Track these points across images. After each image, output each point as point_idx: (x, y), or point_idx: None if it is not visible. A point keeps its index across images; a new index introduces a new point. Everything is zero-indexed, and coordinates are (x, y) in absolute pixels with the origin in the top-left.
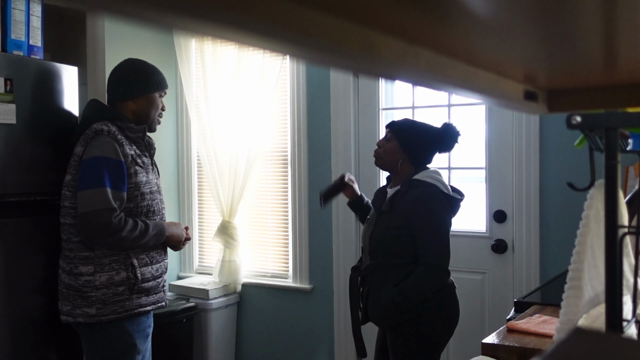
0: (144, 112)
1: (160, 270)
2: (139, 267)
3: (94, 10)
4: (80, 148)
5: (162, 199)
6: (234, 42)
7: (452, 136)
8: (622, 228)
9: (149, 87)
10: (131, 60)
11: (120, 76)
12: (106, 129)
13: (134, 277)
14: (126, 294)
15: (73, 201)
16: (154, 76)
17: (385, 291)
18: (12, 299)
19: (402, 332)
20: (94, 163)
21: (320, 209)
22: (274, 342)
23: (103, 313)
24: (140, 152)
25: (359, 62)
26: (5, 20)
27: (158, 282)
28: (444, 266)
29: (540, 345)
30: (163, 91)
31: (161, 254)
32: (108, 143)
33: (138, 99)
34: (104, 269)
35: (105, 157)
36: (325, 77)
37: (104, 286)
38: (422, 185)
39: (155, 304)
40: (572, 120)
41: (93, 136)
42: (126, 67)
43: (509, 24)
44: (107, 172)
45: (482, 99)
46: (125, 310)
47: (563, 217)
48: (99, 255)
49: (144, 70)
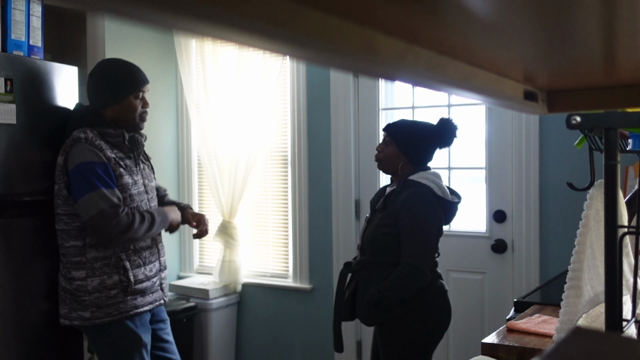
0: (122, 117)
1: (155, 269)
2: (131, 269)
3: (94, 10)
4: (60, 157)
5: (151, 197)
6: (234, 42)
7: (450, 130)
8: (622, 228)
9: (120, 92)
10: (103, 64)
11: (92, 84)
12: (83, 137)
13: (127, 279)
14: (120, 297)
15: (65, 208)
16: (124, 81)
17: (370, 289)
18: (12, 299)
19: (390, 332)
20: (79, 170)
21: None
22: (274, 342)
23: (97, 316)
24: (123, 154)
25: (359, 62)
26: (6, 20)
27: (154, 282)
28: (422, 267)
29: (540, 345)
30: (139, 91)
31: (154, 252)
32: (87, 149)
33: (112, 107)
34: (95, 274)
35: (88, 162)
36: (325, 77)
37: (96, 290)
38: (415, 186)
39: (152, 304)
40: (572, 120)
41: (71, 144)
42: (96, 74)
43: (509, 24)
44: (95, 175)
45: (482, 99)
46: (120, 313)
47: (563, 217)
48: (91, 260)
49: (113, 75)
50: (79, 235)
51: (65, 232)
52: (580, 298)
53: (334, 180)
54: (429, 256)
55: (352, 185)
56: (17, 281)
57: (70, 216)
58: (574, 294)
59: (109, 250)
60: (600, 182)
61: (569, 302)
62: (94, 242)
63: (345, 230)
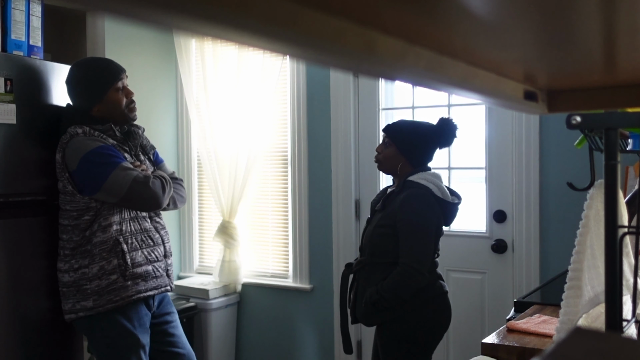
0: (109, 113)
1: (158, 254)
2: (128, 252)
3: (94, 10)
4: (58, 154)
5: None
6: (234, 42)
7: (450, 130)
8: (622, 228)
9: (98, 90)
10: (74, 68)
11: (71, 91)
12: (80, 131)
13: (124, 262)
14: (120, 282)
15: (73, 205)
16: (99, 78)
17: (369, 289)
18: (13, 299)
19: (390, 332)
20: (88, 160)
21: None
22: (274, 342)
23: (100, 304)
24: (120, 146)
25: (359, 62)
26: (6, 20)
27: (156, 267)
28: (419, 268)
29: (540, 345)
30: (117, 83)
31: (153, 236)
32: (88, 139)
33: (97, 106)
34: (95, 260)
35: (93, 149)
36: (325, 77)
37: (97, 277)
38: (414, 187)
39: (156, 289)
40: (572, 120)
41: (69, 140)
42: (71, 80)
43: (509, 24)
44: (107, 156)
45: (482, 99)
46: (121, 298)
47: (563, 217)
48: (92, 247)
49: (86, 76)
50: (87, 228)
51: (75, 227)
52: (580, 298)
53: (334, 180)
54: (427, 257)
55: (352, 186)
56: (17, 281)
57: (79, 211)
58: (574, 294)
59: (107, 235)
60: (600, 182)
61: (569, 302)
62: (95, 229)
63: (345, 230)
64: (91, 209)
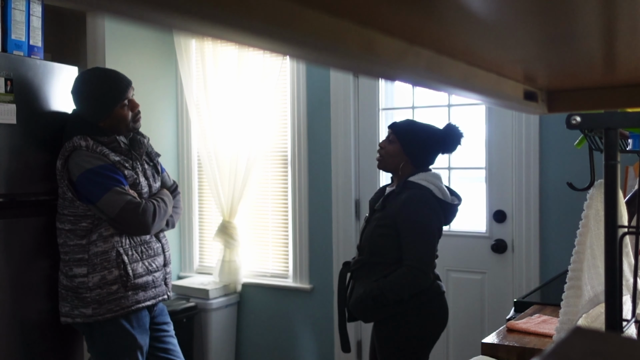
0: (115, 126)
1: (158, 263)
2: (130, 263)
3: (94, 10)
4: (59, 162)
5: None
6: (234, 42)
7: (455, 138)
8: (622, 228)
9: (105, 107)
10: (80, 80)
11: (77, 102)
12: (84, 144)
13: (125, 274)
14: (121, 292)
15: (71, 210)
16: (105, 95)
17: (369, 284)
18: (13, 299)
19: (386, 331)
20: (87, 178)
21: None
22: (274, 342)
23: (99, 313)
24: (124, 156)
25: (359, 62)
26: (6, 20)
27: (156, 277)
28: (424, 269)
29: (540, 345)
30: (123, 100)
31: (153, 247)
32: (90, 156)
33: (103, 120)
34: (96, 270)
35: (93, 168)
36: (325, 77)
37: (97, 287)
38: (415, 187)
39: (154, 298)
40: (572, 120)
41: (71, 150)
42: (77, 93)
43: (509, 24)
44: (105, 177)
45: (482, 99)
46: (121, 308)
47: (563, 217)
48: (92, 256)
49: (93, 92)
50: (85, 235)
51: (72, 232)
52: (580, 298)
53: (334, 180)
54: (431, 259)
55: (352, 185)
56: (18, 281)
57: (77, 217)
58: (574, 294)
59: (108, 245)
60: (600, 182)
61: (569, 302)
62: (95, 238)
63: (345, 230)
64: (89, 217)
